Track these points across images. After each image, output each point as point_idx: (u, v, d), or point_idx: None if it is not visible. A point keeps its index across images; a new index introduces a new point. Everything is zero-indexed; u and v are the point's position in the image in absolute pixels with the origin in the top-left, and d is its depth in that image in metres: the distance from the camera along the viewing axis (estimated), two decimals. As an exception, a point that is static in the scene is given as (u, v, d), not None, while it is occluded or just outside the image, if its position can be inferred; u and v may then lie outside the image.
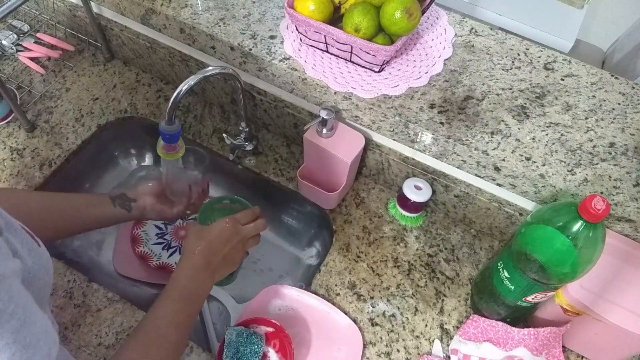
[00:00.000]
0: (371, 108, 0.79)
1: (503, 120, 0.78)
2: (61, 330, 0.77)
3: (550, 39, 1.46)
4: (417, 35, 0.88)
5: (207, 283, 0.68)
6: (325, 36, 0.79)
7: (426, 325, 0.81)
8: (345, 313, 0.81)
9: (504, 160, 0.74)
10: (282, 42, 0.85)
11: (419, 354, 0.78)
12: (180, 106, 1.06)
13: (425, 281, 0.85)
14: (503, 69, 0.84)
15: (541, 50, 0.87)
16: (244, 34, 0.86)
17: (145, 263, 0.96)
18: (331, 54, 0.83)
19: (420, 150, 0.81)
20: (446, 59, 0.84)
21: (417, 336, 0.80)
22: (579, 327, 0.73)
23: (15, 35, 1.08)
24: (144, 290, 0.96)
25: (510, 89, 0.81)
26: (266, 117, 0.99)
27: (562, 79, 0.83)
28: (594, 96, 0.81)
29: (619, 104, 0.80)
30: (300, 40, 0.85)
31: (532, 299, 0.70)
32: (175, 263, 0.97)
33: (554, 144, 0.76)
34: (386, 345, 0.79)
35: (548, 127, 0.77)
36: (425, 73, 0.82)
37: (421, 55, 0.85)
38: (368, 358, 0.78)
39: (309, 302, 0.82)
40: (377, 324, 0.81)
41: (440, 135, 0.76)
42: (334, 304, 0.82)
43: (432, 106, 0.79)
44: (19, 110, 0.95)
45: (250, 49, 0.84)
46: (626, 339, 0.68)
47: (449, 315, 0.82)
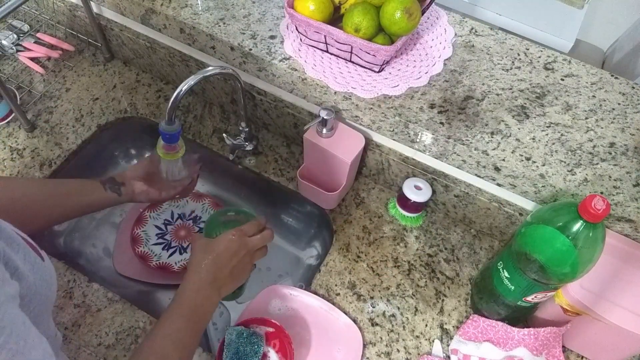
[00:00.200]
0: (371, 108, 0.79)
1: (503, 120, 0.78)
2: (61, 330, 0.77)
3: (550, 39, 1.46)
4: (417, 35, 0.88)
5: (214, 298, 0.66)
6: (325, 36, 0.79)
7: (426, 325, 0.81)
8: (345, 313, 0.81)
9: (504, 160, 0.74)
10: (282, 42, 0.85)
11: (419, 354, 0.78)
12: (180, 106, 1.06)
13: (425, 281, 0.85)
14: (503, 69, 0.84)
15: (541, 50, 0.87)
16: (244, 34, 0.86)
17: (145, 263, 0.96)
18: (331, 54, 0.83)
19: (420, 150, 0.82)
20: (446, 59, 0.84)
21: (417, 336, 0.80)
22: (579, 327, 0.73)
23: (15, 35, 1.08)
24: (144, 290, 0.96)
25: (510, 89, 0.81)
26: (266, 117, 0.99)
27: (562, 79, 0.83)
28: (594, 96, 0.81)
29: (619, 104, 0.80)
30: (300, 40, 0.85)
31: (532, 299, 0.70)
32: (175, 263, 0.97)
33: (554, 144, 0.76)
34: (386, 345, 0.79)
35: (548, 127, 0.77)
36: (425, 73, 0.82)
37: (421, 55, 0.85)
38: (368, 358, 0.78)
39: (309, 302, 0.82)
40: (377, 324, 0.81)
41: (440, 135, 0.76)
42: (334, 304, 0.82)
43: (432, 106, 0.79)
44: (19, 110, 0.95)
45: (250, 49, 0.84)
46: (626, 339, 0.68)
47: (449, 315, 0.82)
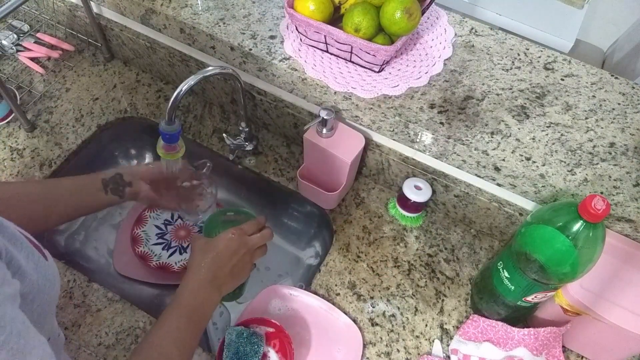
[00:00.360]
0: (371, 108, 0.79)
1: (503, 120, 0.78)
2: (61, 330, 0.77)
3: (550, 39, 1.46)
4: (417, 35, 0.88)
5: (214, 297, 0.66)
6: (325, 36, 0.79)
7: (426, 325, 0.81)
8: (345, 313, 0.81)
9: (504, 160, 0.74)
10: (282, 42, 0.85)
11: (419, 354, 0.78)
12: (180, 106, 1.06)
13: (425, 281, 0.85)
14: (503, 69, 0.84)
15: (541, 50, 0.87)
16: (244, 34, 0.86)
17: (145, 263, 0.96)
18: (331, 54, 0.83)
19: (420, 150, 0.81)
20: (446, 59, 0.84)
21: (417, 336, 0.80)
22: (579, 327, 0.73)
23: (15, 35, 1.08)
24: (144, 290, 0.96)
25: (510, 89, 0.81)
26: (266, 117, 0.99)
27: (562, 79, 0.83)
28: (594, 96, 0.81)
29: (619, 104, 0.80)
30: (300, 40, 0.84)
31: (532, 299, 0.70)
32: (175, 263, 0.97)
33: (554, 144, 0.76)
34: (386, 345, 0.79)
35: (548, 127, 0.77)
36: (425, 73, 0.82)
37: (421, 55, 0.85)
38: (368, 358, 0.78)
39: (309, 302, 0.82)
40: (377, 324, 0.81)
41: (440, 135, 0.76)
42: (334, 304, 0.82)
43: (432, 106, 0.79)
44: (19, 110, 0.95)
45: (250, 49, 0.84)
46: (626, 339, 0.68)
47: (449, 315, 0.82)
